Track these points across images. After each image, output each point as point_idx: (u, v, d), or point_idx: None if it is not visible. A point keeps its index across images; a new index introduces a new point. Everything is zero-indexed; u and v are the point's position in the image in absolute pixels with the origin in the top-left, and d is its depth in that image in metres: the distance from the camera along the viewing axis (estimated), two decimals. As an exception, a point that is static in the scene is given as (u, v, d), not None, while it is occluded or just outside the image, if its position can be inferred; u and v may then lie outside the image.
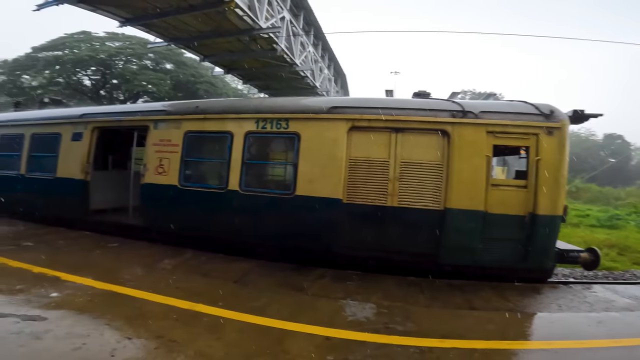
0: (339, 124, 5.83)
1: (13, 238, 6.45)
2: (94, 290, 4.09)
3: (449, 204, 5.41)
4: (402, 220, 5.54)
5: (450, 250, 5.44)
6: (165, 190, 6.60)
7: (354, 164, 5.73)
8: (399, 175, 5.60)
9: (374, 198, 5.63)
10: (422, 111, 5.74)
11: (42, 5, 11.93)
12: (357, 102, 6.09)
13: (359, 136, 5.79)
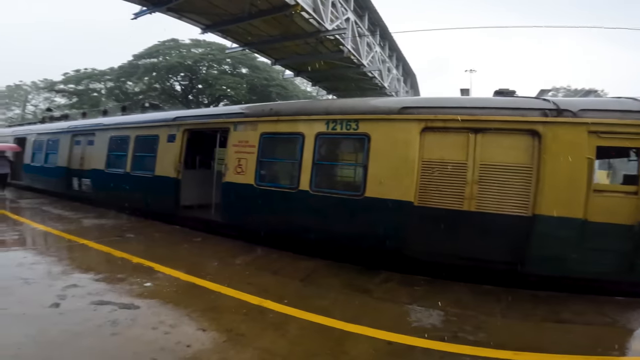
0: (410, 124, 5.62)
1: (118, 230, 7.49)
2: (179, 282, 4.54)
3: (539, 210, 4.90)
4: (480, 226, 5.17)
5: (537, 260, 4.93)
6: (243, 189, 7.03)
7: (427, 166, 5.48)
8: (478, 179, 5.21)
9: (449, 201, 5.33)
10: (507, 110, 5.27)
11: (138, 13, 13.64)
12: (431, 102, 5.82)
13: (433, 137, 5.52)
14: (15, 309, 3.31)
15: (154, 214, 8.94)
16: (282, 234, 6.68)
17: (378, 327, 3.56)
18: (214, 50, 34.83)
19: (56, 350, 2.70)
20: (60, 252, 5.68)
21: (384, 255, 5.70)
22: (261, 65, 35.77)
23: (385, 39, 22.15)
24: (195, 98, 36.82)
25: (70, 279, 4.29)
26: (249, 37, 16.72)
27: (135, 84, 37.01)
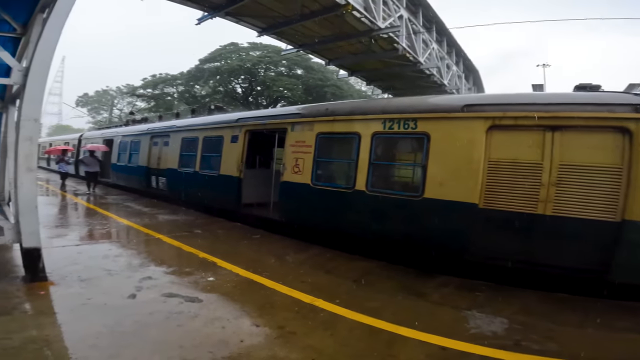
0: (475, 123, 5.33)
1: (188, 226, 8.16)
2: (238, 278, 4.83)
3: (631, 215, 4.40)
4: (557, 231, 4.77)
5: (627, 268, 4.43)
6: (300, 189, 7.23)
7: (494, 167, 5.16)
8: (556, 180, 4.79)
9: (520, 204, 4.97)
10: (591, 106, 4.78)
11: (201, 18, 14.68)
12: (498, 99, 5.47)
13: (502, 136, 5.18)
14: (99, 299, 3.77)
15: (218, 210, 9.59)
16: (337, 233, 6.76)
17: (431, 332, 3.47)
18: (270, 53, 36.07)
19: (127, 341, 2.99)
20: (138, 246, 6.38)
21: (442, 259, 5.51)
22: (315, 65, 36.29)
23: (442, 35, 21.23)
24: (254, 100, 38.46)
25: (146, 272, 4.80)
26: (302, 39, 17.07)
27: (201, 87, 39.64)
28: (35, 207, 4.06)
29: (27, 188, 4.05)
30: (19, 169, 4.05)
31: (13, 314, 3.24)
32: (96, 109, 56.05)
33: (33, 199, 4.05)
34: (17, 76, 4.22)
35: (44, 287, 3.95)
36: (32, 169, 4.09)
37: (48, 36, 4.13)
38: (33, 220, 4.07)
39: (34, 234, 4.08)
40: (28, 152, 4.10)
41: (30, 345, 2.71)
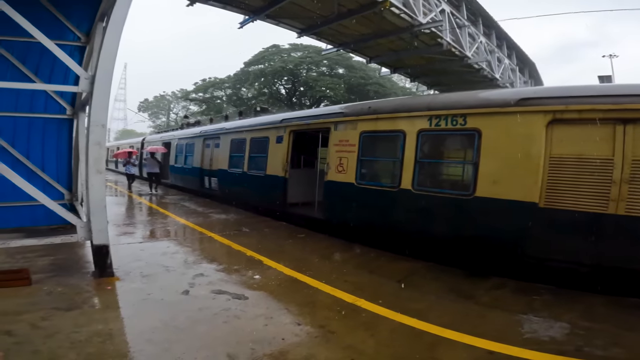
0: (533, 117, 5.03)
1: (237, 225, 8.57)
2: (283, 276, 4.99)
3: None
4: (631, 231, 4.39)
5: None
6: (344, 188, 7.28)
7: (557, 163, 4.84)
8: (630, 177, 4.39)
9: (587, 203, 4.62)
10: None
11: (243, 22, 15.20)
12: (560, 92, 5.09)
13: (564, 130, 4.84)
14: (157, 294, 4.10)
15: (265, 210, 9.94)
16: (381, 233, 6.71)
17: (479, 335, 3.35)
18: (311, 53, 36.41)
19: (178, 336, 3.17)
20: (193, 243, 6.83)
21: (496, 260, 5.27)
22: (357, 64, 36.01)
23: (490, 27, 20.09)
24: (298, 100, 39.03)
25: (199, 268, 5.14)
26: (342, 38, 17.03)
27: (247, 89, 41.02)
28: (104, 206, 4.50)
29: (97, 189, 4.47)
30: (90, 172, 4.47)
31: (83, 308, 3.62)
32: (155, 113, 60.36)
33: (102, 199, 4.48)
34: (84, 84, 4.61)
35: (111, 282, 4.39)
36: (101, 171, 4.51)
37: (108, 44, 4.45)
38: (102, 219, 4.50)
39: (102, 232, 4.52)
40: (97, 155, 4.49)
41: (95, 339, 3.01)
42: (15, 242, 4.38)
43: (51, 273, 4.58)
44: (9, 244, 4.29)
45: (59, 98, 6.95)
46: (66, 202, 7.30)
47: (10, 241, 4.32)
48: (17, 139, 6.73)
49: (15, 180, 4.23)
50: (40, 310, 3.47)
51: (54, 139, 7.15)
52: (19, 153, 6.72)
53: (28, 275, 4.06)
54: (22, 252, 5.32)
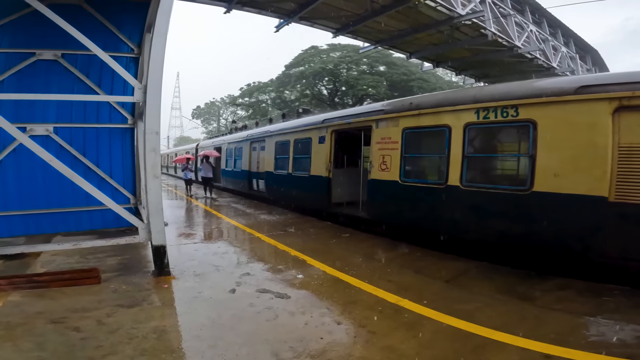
0: (596, 105, 4.68)
1: (282, 225, 8.83)
2: (325, 275, 5.07)
3: None
4: None
5: None
6: (387, 186, 7.22)
7: (627, 153, 4.46)
8: None
9: None
10: None
11: (278, 26, 15.50)
12: (624, 77, 4.69)
13: (634, 118, 4.45)
14: (207, 293, 4.37)
15: (310, 210, 10.12)
16: (428, 231, 6.57)
17: (535, 338, 3.18)
18: (350, 52, 36.09)
19: (223, 333, 3.34)
20: (242, 244, 7.17)
21: (558, 259, 4.96)
22: (398, 61, 35.19)
23: (540, 15, 18.63)
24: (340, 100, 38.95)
25: (246, 268, 5.40)
26: (378, 35, 16.73)
27: (290, 92, 41.76)
28: (161, 209, 4.88)
29: (154, 193, 4.81)
30: (148, 177, 4.86)
31: (142, 305, 3.97)
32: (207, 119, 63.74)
33: (159, 202, 4.86)
34: (138, 94, 4.98)
35: (167, 280, 4.76)
36: (157, 176, 4.89)
37: (155, 54, 4.77)
38: (159, 221, 4.87)
39: (160, 233, 4.91)
40: (153, 161, 4.83)
41: (151, 335, 3.28)
42: (86, 243, 4.96)
43: (118, 272, 5.08)
44: (80, 244, 4.86)
45: (121, 108, 7.56)
46: (131, 206, 8.00)
47: (82, 242, 4.89)
48: (88, 149, 7.44)
49: (87, 188, 4.76)
50: (106, 307, 3.86)
51: (119, 147, 7.83)
52: (90, 162, 7.48)
53: (98, 274, 4.55)
54: (94, 252, 5.96)
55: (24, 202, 7.06)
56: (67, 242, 4.86)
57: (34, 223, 7.24)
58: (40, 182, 6.61)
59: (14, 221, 7.09)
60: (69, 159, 7.32)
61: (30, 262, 5.55)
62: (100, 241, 5.07)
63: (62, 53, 6.66)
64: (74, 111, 7.21)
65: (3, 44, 6.40)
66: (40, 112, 6.96)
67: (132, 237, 5.02)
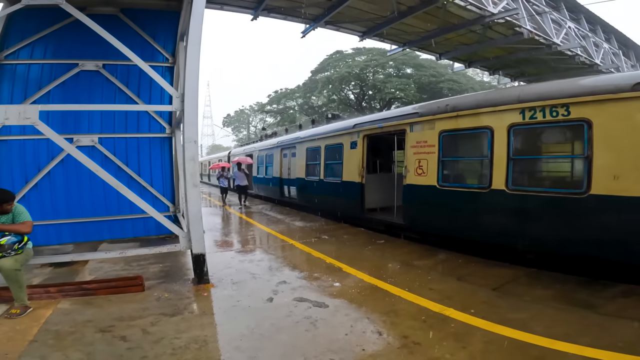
0: None
1: (315, 231, 8.78)
2: (363, 283, 4.95)
3: None
4: None
5: None
6: (425, 191, 6.99)
7: None
8: None
9: None
10: None
11: (304, 31, 15.45)
12: None
13: None
14: (245, 301, 4.36)
15: (343, 216, 10.02)
16: (469, 237, 6.31)
17: (602, 348, 2.96)
18: (375, 56, 35.77)
19: (262, 344, 3.29)
20: (276, 251, 7.15)
21: (620, 265, 4.63)
22: (426, 62, 34.70)
23: (577, 12, 17.70)
24: (367, 104, 38.63)
25: (282, 276, 5.37)
26: (406, 37, 16.40)
27: (317, 97, 41.91)
28: (200, 217, 4.95)
29: (194, 201, 4.88)
30: (188, 185, 4.88)
31: (184, 314, 4.01)
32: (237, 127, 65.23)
33: (198, 211, 4.93)
34: (176, 103, 5.07)
35: (207, 289, 4.82)
36: (196, 185, 4.97)
37: (190, 62, 4.84)
38: (199, 229, 4.91)
39: (200, 242, 4.97)
40: (192, 170, 4.87)
41: (192, 345, 3.28)
42: (131, 251, 5.11)
43: (160, 279, 5.21)
44: (126, 253, 5.02)
45: (159, 118, 7.80)
46: (171, 214, 8.25)
47: (127, 251, 5.04)
48: (130, 158, 7.70)
49: (131, 198, 4.93)
50: (150, 315, 3.94)
51: (159, 156, 8.06)
52: (132, 171, 7.77)
53: (142, 282, 4.69)
54: (137, 260, 6.17)
55: (72, 210, 7.39)
56: (114, 251, 5.05)
57: (82, 231, 7.56)
58: (87, 192, 6.89)
59: (62, 229, 7.45)
60: (113, 168, 7.60)
61: (78, 269, 5.82)
62: (144, 249, 5.22)
63: (103, 64, 6.90)
64: (116, 122, 7.49)
65: (47, 55, 6.66)
66: (86, 123, 7.28)
67: (173, 245, 5.13)
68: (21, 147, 6.76)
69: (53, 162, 6.86)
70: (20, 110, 4.46)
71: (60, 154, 7.12)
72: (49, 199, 7.24)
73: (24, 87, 6.66)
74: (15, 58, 6.57)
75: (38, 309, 4.07)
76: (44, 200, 7.23)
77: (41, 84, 6.76)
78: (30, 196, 7.17)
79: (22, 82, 6.67)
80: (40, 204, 7.24)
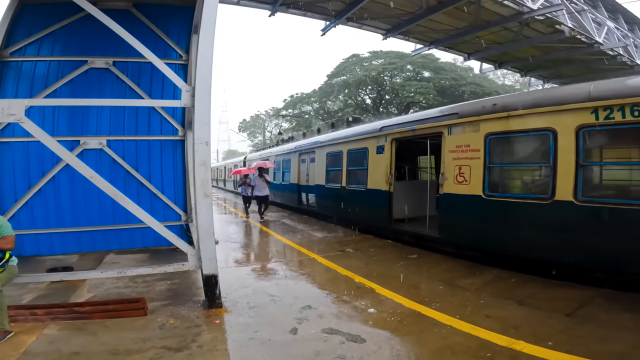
0: None
1: (338, 244, 7.99)
2: (403, 309, 4.18)
3: None
4: None
5: None
6: (467, 201, 6.20)
7: None
8: None
9: None
10: None
11: (324, 29, 14.69)
12: None
13: None
14: (264, 333, 3.62)
15: (366, 227, 9.24)
16: (522, 254, 5.48)
17: None
18: (393, 59, 34.86)
19: None
20: (297, 267, 6.35)
21: None
22: (446, 65, 33.80)
23: (615, 12, 16.71)
24: (384, 109, 37.76)
25: (306, 298, 4.60)
26: (433, 35, 15.49)
27: (332, 102, 41.21)
28: (212, 233, 4.25)
29: (204, 214, 4.18)
30: (197, 195, 4.20)
31: (191, 349, 3.31)
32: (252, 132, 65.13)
33: (210, 225, 4.23)
34: (186, 97, 4.41)
35: (219, 314, 4.10)
36: (208, 195, 4.26)
37: (203, 51, 4.25)
38: (210, 246, 4.21)
39: (211, 260, 4.23)
40: (203, 177, 4.24)
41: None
42: (131, 271, 4.38)
43: (166, 300, 4.55)
44: (124, 273, 4.31)
45: (171, 119, 7.28)
46: (183, 224, 7.66)
47: (126, 270, 4.34)
48: (140, 163, 7.19)
49: (129, 207, 4.30)
50: (151, 349, 3.27)
51: (170, 161, 7.54)
52: (142, 176, 7.23)
53: (144, 305, 4.02)
54: (143, 275, 5.53)
55: (78, 218, 6.91)
56: (111, 270, 4.33)
57: (88, 240, 7.08)
58: (95, 198, 6.42)
59: (68, 238, 6.96)
60: (122, 173, 7.12)
61: (77, 284, 5.23)
62: (146, 269, 4.51)
63: (114, 61, 6.49)
64: (126, 123, 7.03)
65: (55, 52, 6.28)
66: (94, 125, 6.83)
67: (180, 265, 4.40)
68: (24, 150, 6.36)
69: (58, 166, 6.41)
70: (4, 105, 3.85)
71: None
72: (54, 206, 6.79)
73: (29, 85, 6.25)
74: (21, 55, 6.19)
75: (20, 334, 3.49)
76: (48, 207, 6.77)
77: (47, 82, 6.37)
78: (34, 203, 6.73)
79: (27, 80, 6.27)
80: (44, 211, 6.79)
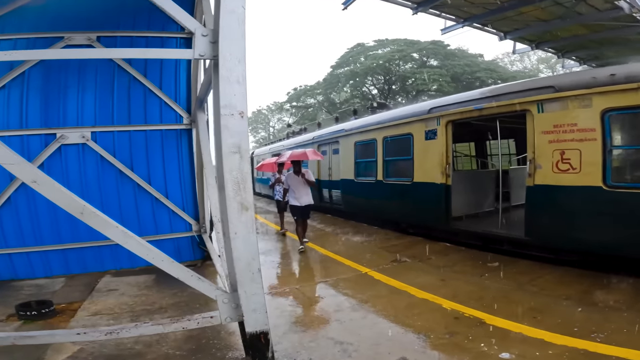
0: None
1: (386, 251, 6.48)
2: (554, 349, 2.73)
3: None
4: None
5: None
6: (575, 194, 4.86)
7: None
8: None
9: None
10: None
11: (345, 2, 12.85)
12: None
13: None
14: None
15: (412, 227, 7.78)
16: None
17: None
18: (402, 47, 33.21)
19: None
20: (354, 289, 4.70)
21: None
22: (457, 52, 32.26)
23: None
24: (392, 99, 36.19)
25: (392, 344, 3.11)
26: (469, 10, 13.73)
27: (337, 94, 39.44)
28: (258, 270, 2.68)
29: (244, 240, 2.64)
30: (229, 205, 2.61)
31: None
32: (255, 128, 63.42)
33: (254, 258, 2.69)
34: (201, 43, 2.73)
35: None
36: (247, 206, 2.64)
37: None
38: (256, 291, 2.68)
39: (259, 312, 2.72)
40: (238, 173, 2.62)
41: None
42: (125, 332, 2.64)
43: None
44: (117, 334, 2.60)
45: (174, 103, 5.95)
46: (194, 234, 6.17)
47: (121, 330, 2.62)
48: (136, 159, 5.78)
49: (104, 231, 2.69)
50: None
51: (175, 157, 6.09)
52: (140, 177, 5.75)
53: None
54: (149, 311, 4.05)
55: (61, 232, 5.50)
56: (94, 332, 2.65)
57: (76, 259, 5.74)
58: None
59: (50, 258, 5.58)
60: (113, 174, 5.64)
61: (59, 324, 3.75)
62: (148, 328, 2.76)
63: (98, 36, 5.11)
64: (115, 110, 5.61)
65: (23, 28, 4.93)
66: (74, 113, 5.40)
67: (208, 317, 2.76)
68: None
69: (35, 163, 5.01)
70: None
71: (37, 156, 5.17)
72: (28, 218, 5.37)
73: (-10, 68, 4.92)
74: (-21, 33, 4.84)
75: None
76: (20, 219, 5.35)
77: (13, 64, 5.07)
78: (2, 215, 5.28)
79: (-13, 62, 4.92)
80: (17, 224, 5.38)
